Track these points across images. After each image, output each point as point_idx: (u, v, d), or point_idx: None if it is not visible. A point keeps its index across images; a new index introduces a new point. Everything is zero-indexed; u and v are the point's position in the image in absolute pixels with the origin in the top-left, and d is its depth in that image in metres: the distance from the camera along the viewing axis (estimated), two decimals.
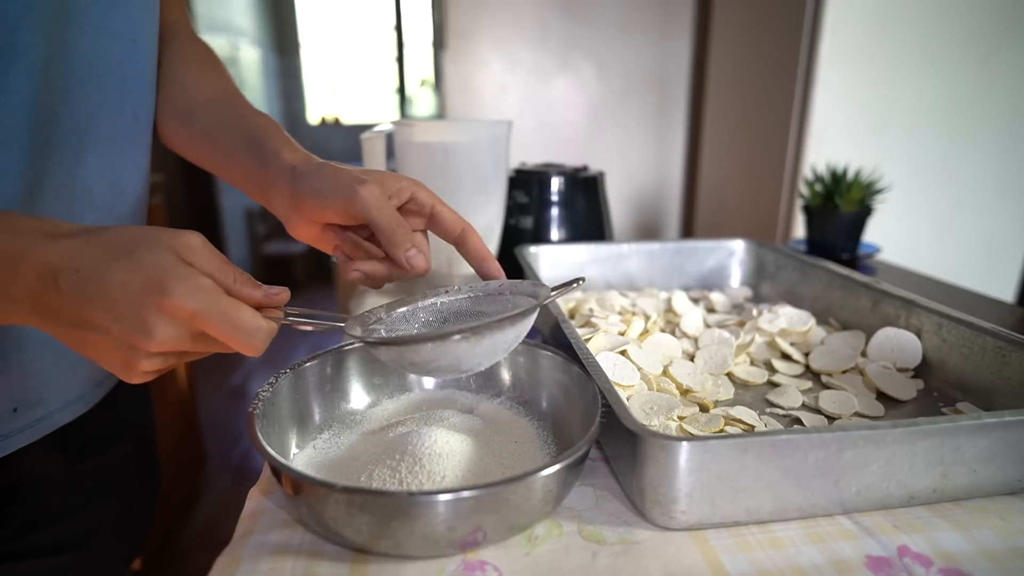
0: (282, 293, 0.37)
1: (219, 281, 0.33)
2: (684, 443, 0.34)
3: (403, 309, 0.43)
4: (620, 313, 0.65)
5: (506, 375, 0.50)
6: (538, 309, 0.39)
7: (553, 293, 0.41)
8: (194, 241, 0.33)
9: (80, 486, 0.54)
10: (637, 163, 1.73)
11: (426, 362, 0.37)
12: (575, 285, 0.43)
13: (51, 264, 0.30)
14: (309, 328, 0.38)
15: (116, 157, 0.48)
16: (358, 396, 0.49)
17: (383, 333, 0.42)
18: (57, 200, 0.44)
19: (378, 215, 0.42)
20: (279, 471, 0.34)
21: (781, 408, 0.50)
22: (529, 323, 0.40)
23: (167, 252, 0.31)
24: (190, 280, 0.31)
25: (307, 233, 0.47)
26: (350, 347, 0.48)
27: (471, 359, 0.37)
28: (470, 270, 0.75)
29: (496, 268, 0.46)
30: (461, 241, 0.46)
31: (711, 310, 0.72)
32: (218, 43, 3.11)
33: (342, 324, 0.39)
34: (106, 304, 0.30)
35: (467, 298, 0.44)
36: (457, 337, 0.35)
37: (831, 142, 1.22)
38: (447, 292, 0.45)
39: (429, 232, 0.47)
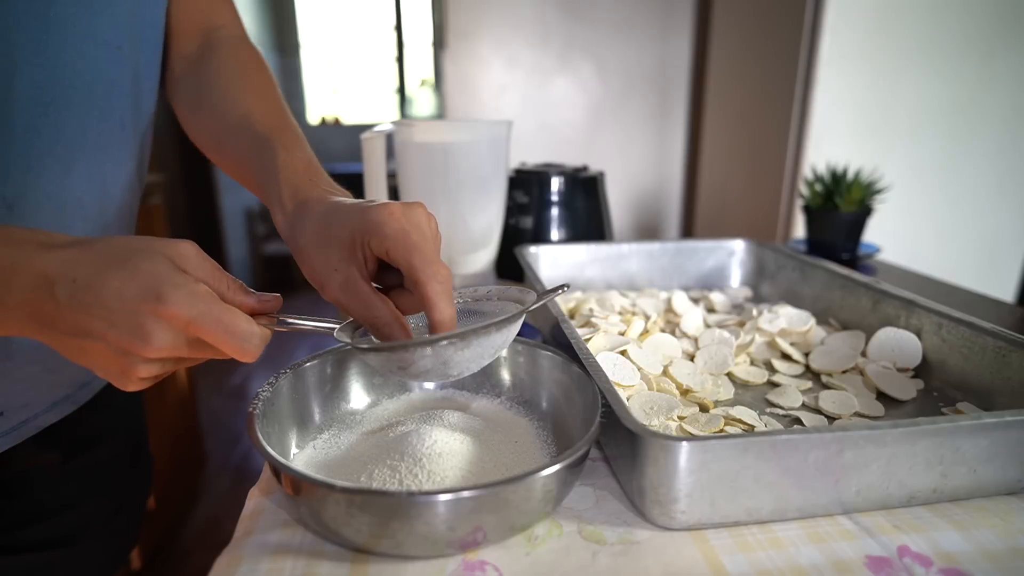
0: (274, 300, 0.37)
1: (213, 288, 0.33)
2: (684, 443, 0.34)
3: None
4: (620, 313, 0.65)
5: (506, 375, 0.50)
6: (524, 315, 0.39)
7: (538, 302, 0.41)
8: (187, 250, 0.33)
9: (72, 482, 0.54)
10: (637, 163, 1.73)
11: (415, 367, 0.37)
12: (560, 291, 0.43)
13: (47, 274, 0.30)
14: (303, 331, 0.38)
15: (105, 165, 0.47)
16: (358, 396, 0.49)
17: (373, 339, 0.42)
18: (47, 209, 0.44)
19: (419, 238, 0.37)
20: (279, 471, 0.34)
21: (781, 408, 0.50)
22: (516, 328, 0.40)
23: (162, 260, 0.31)
24: (185, 287, 0.31)
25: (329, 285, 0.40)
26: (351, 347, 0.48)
27: (459, 364, 0.38)
28: (466, 272, 0.75)
29: (448, 317, 0.38)
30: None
31: (711, 310, 0.72)
32: None
33: (334, 328, 0.39)
34: (103, 312, 0.30)
35: (456, 303, 0.45)
36: (444, 343, 0.35)
37: (831, 142, 1.22)
38: None
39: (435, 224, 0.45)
